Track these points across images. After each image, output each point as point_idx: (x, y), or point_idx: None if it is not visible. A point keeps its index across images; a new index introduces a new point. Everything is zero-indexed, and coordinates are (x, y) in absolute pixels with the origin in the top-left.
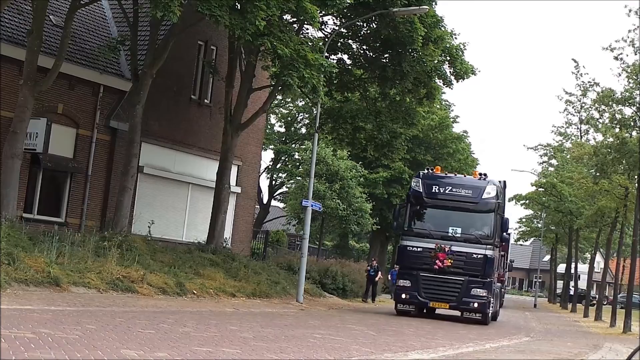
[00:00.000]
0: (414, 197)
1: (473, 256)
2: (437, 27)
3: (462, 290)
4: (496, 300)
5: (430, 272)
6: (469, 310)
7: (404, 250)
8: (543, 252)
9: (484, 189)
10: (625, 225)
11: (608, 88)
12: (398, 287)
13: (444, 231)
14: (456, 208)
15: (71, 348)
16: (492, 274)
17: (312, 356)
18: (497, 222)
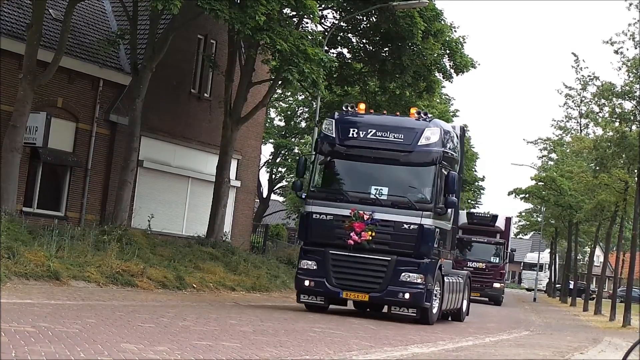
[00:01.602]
0: (323, 144)
1: (404, 227)
2: (436, 20)
3: (387, 275)
4: (454, 293)
5: (343, 250)
6: (397, 303)
7: (308, 219)
8: (542, 246)
9: (421, 132)
10: (625, 219)
11: (608, 82)
12: (300, 271)
13: (363, 192)
14: (382, 159)
15: (71, 342)
16: (431, 252)
17: (312, 350)
18: (440, 180)
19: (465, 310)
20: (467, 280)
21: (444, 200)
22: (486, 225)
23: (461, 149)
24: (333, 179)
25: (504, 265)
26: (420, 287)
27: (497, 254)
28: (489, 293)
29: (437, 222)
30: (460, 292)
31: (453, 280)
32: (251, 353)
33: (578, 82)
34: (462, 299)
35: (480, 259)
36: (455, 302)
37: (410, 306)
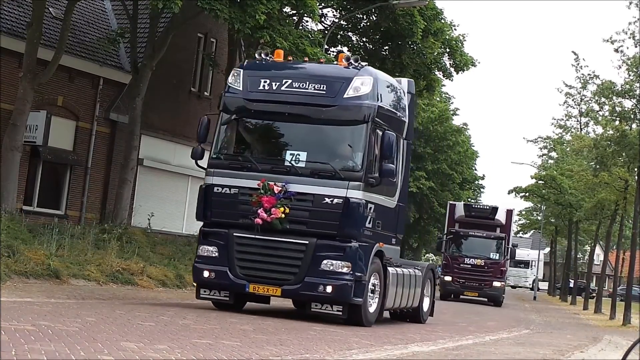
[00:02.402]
0: (228, 100)
1: (325, 201)
2: (436, 19)
3: (304, 262)
4: (406, 288)
5: (249, 232)
6: (317, 298)
7: (208, 193)
8: (543, 244)
9: (348, 81)
10: (625, 218)
11: (608, 80)
12: (198, 260)
13: (276, 158)
14: (298, 117)
15: (71, 340)
16: (360, 234)
17: (312, 348)
18: (373, 142)
19: (427, 309)
20: (427, 273)
21: (378, 167)
22: (485, 218)
23: (411, 111)
24: (239, 143)
25: (504, 262)
26: (347, 278)
27: (497, 250)
28: (488, 293)
29: (371, 195)
30: (417, 287)
31: (403, 272)
32: (251, 351)
33: (578, 80)
34: (420, 295)
35: (479, 255)
36: (408, 298)
37: (334, 302)
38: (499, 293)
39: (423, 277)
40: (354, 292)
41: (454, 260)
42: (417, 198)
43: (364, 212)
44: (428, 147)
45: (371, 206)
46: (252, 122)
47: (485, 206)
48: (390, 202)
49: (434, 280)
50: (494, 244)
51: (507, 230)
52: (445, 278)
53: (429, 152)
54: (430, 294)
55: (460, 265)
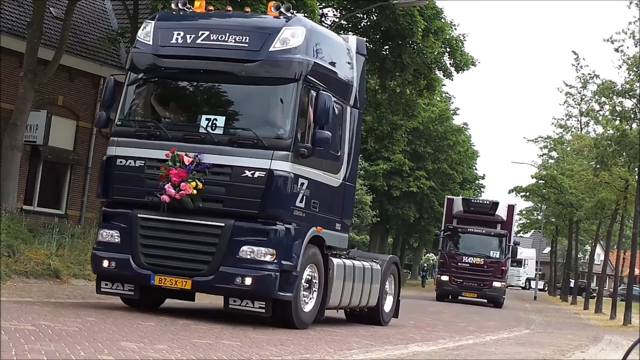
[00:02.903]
0: (136, 57)
1: (245, 175)
2: (437, 18)
3: (219, 249)
4: (359, 283)
5: (155, 212)
6: (235, 292)
7: (110, 166)
8: (543, 244)
9: (276, 32)
10: (626, 218)
11: (608, 80)
12: (97, 246)
13: (189, 124)
14: (216, 74)
15: (71, 340)
16: (289, 214)
17: (312, 348)
18: (305, 105)
19: (390, 309)
20: (390, 267)
21: (311, 135)
22: (485, 213)
23: (361, 75)
24: (147, 106)
25: (505, 261)
26: (270, 268)
27: (498, 248)
28: (487, 293)
29: (303, 169)
30: (375, 282)
31: (354, 265)
32: (251, 352)
33: (578, 80)
34: (379, 292)
35: (478, 254)
36: (362, 296)
37: (255, 297)
38: (499, 294)
39: (383, 272)
40: (279, 285)
41: (452, 258)
42: (417, 198)
43: (292, 188)
44: (428, 147)
45: (303, 182)
46: (162, 82)
47: (485, 201)
48: (333, 179)
49: (398, 275)
50: (494, 241)
51: (508, 227)
52: (441, 278)
53: (430, 152)
54: (394, 292)
55: (458, 264)
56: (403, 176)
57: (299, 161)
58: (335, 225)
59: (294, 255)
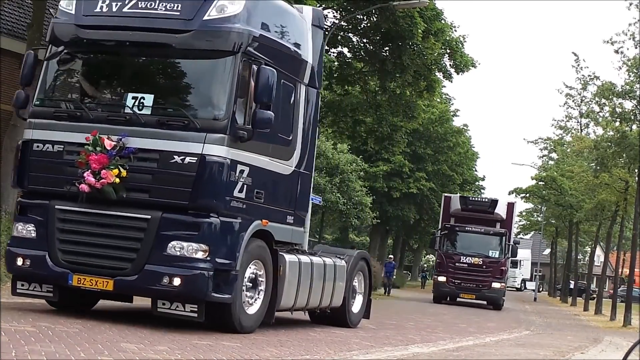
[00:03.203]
0: (58, 28)
1: (174, 161)
2: (437, 20)
3: (145, 245)
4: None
5: (74, 203)
6: (162, 294)
7: (26, 151)
8: (543, 246)
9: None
10: (626, 219)
11: (608, 81)
12: (11, 241)
13: (114, 103)
14: (144, 47)
15: (71, 341)
16: (224, 205)
17: (312, 350)
18: (246, 81)
19: (359, 309)
20: (357, 264)
21: (252, 115)
22: (483, 212)
23: (319, 51)
24: (67, 84)
25: (505, 260)
26: (201, 267)
27: (497, 247)
28: (486, 295)
29: (244, 154)
30: (339, 280)
31: (312, 261)
32: (252, 353)
33: (578, 81)
34: (345, 291)
35: (476, 253)
36: (323, 296)
37: (185, 299)
38: (499, 295)
39: (350, 269)
40: (213, 285)
41: (449, 258)
42: (417, 199)
43: (228, 175)
44: (428, 148)
45: (243, 169)
46: (85, 56)
47: (483, 199)
48: (284, 167)
49: (369, 272)
50: (493, 240)
51: (508, 226)
52: (438, 278)
53: (429, 153)
54: (363, 291)
55: (456, 265)
56: (403, 177)
57: (237, 145)
58: (287, 218)
59: (232, 252)
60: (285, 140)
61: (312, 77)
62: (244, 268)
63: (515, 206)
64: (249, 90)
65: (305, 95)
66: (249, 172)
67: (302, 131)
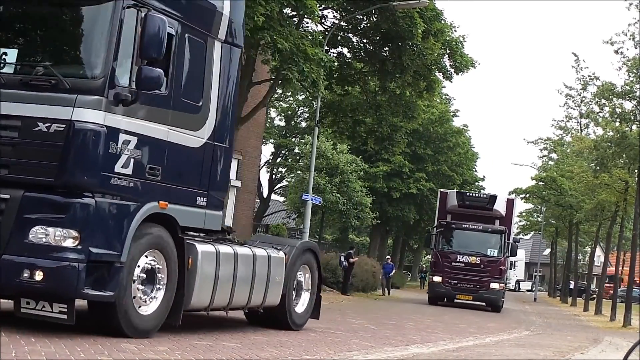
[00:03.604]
0: None
1: (38, 129)
2: (437, 20)
3: (3, 230)
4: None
5: None
6: (24, 291)
7: None
8: (543, 246)
9: None
10: (625, 219)
11: (608, 82)
12: None
13: None
14: None
15: (71, 342)
16: (102, 184)
17: (312, 350)
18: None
19: (304, 309)
20: (300, 255)
21: (137, 74)
22: (482, 208)
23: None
24: None
25: (504, 260)
26: (70, 257)
27: (496, 246)
28: (484, 296)
29: (128, 121)
30: (275, 275)
31: (236, 253)
32: (251, 353)
33: (578, 82)
34: (284, 288)
35: (474, 252)
36: (252, 293)
37: (51, 297)
38: (498, 296)
39: (291, 262)
40: (86, 280)
41: (445, 257)
42: (417, 199)
43: (107, 146)
44: (428, 149)
45: (130, 139)
46: None
47: (481, 194)
48: (192, 138)
49: (317, 266)
50: (491, 238)
51: (507, 223)
52: (434, 279)
53: (429, 154)
54: (311, 287)
55: (452, 264)
56: (403, 178)
57: (120, 111)
58: (196, 200)
59: (114, 239)
60: (192, 106)
61: (230, 32)
62: (135, 259)
63: (516, 202)
64: (134, 44)
65: (221, 54)
66: (138, 144)
67: (217, 97)
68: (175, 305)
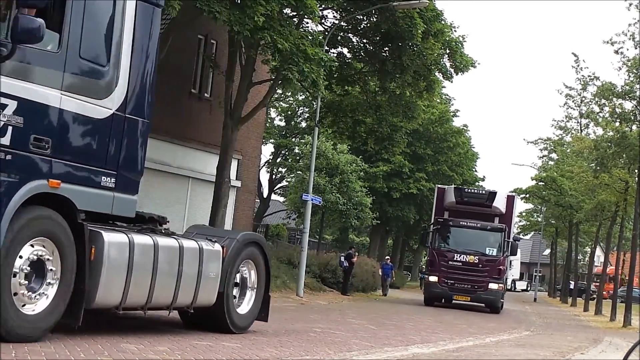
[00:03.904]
0: None
1: None
2: (436, 20)
3: None
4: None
5: None
6: None
7: None
8: (543, 246)
9: None
10: (625, 219)
11: (608, 82)
12: None
13: None
14: None
15: (71, 342)
16: None
17: (312, 350)
18: None
19: (249, 309)
20: (242, 249)
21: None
22: (480, 205)
23: None
24: None
25: (503, 259)
26: None
27: (495, 244)
28: (482, 297)
29: (5, 80)
30: (210, 270)
31: (157, 243)
32: (251, 353)
33: (578, 82)
34: (216, 285)
35: (472, 251)
36: (177, 289)
37: None
38: (497, 297)
39: (231, 256)
40: None
41: (441, 256)
42: (417, 199)
43: None
44: (428, 149)
45: (7, 103)
46: None
47: (480, 190)
48: (95, 107)
49: (264, 262)
50: (490, 236)
51: (507, 221)
52: (430, 278)
53: (429, 154)
54: (256, 285)
55: (449, 263)
56: (403, 178)
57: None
58: (101, 180)
59: None
60: (95, 70)
61: None
62: (15, 248)
63: (516, 199)
64: None
65: (136, 12)
66: (17, 109)
67: (130, 61)
68: (75, 304)
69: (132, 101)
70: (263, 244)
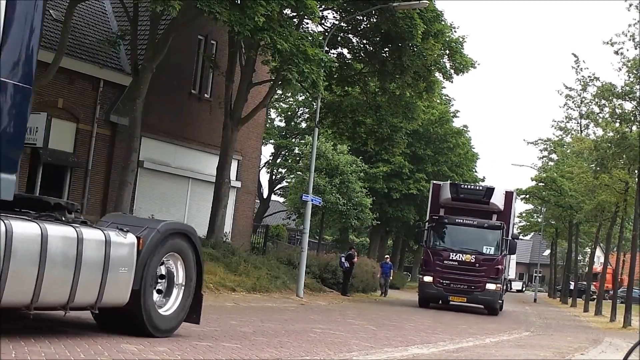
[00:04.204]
0: None
1: None
2: (436, 21)
3: None
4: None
5: None
6: None
7: None
8: (543, 247)
9: None
10: (625, 220)
11: (608, 82)
12: None
13: None
14: None
15: (71, 342)
16: None
17: (312, 351)
18: None
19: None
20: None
21: None
22: (477, 202)
23: None
24: None
25: (501, 258)
26: None
27: (492, 243)
28: (479, 297)
29: None
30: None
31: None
32: (251, 354)
33: (578, 82)
34: (129, 281)
35: (468, 250)
36: (75, 287)
37: None
38: (495, 298)
39: (149, 249)
40: None
41: (437, 255)
42: (417, 200)
43: None
44: (428, 149)
45: None
46: None
47: (477, 186)
48: None
49: (195, 256)
50: (488, 234)
51: (506, 218)
52: (424, 279)
53: (429, 154)
54: (184, 283)
55: (445, 262)
56: (403, 178)
57: None
58: None
59: None
60: None
61: None
62: None
63: (515, 196)
64: None
65: None
66: None
67: (5, 11)
68: None
69: (7, 62)
70: (192, 235)
